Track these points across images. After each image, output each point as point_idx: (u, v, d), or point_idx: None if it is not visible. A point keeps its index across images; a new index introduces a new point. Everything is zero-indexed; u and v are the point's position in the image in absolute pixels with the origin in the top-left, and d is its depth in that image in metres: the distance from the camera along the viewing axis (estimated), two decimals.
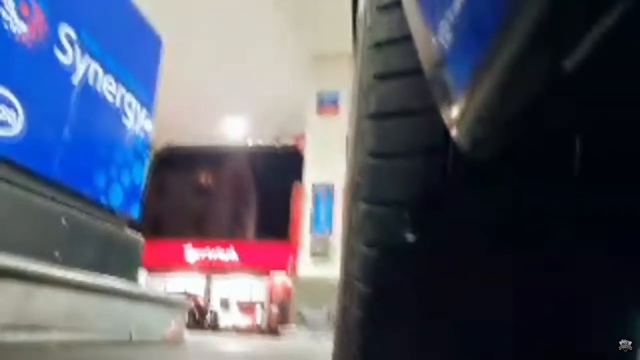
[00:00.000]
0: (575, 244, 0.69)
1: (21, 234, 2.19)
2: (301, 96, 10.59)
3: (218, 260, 14.45)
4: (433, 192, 0.72)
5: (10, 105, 2.16)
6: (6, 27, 2.15)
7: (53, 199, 2.44)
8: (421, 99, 0.71)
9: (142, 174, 3.25)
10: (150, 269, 12.22)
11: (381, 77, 0.75)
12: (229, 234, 15.52)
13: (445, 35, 0.47)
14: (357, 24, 1.02)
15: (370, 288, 0.77)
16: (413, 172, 0.72)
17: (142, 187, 3.30)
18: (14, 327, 1.80)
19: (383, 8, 0.75)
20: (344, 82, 10.10)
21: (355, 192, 0.79)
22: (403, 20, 0.72)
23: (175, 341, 3.00)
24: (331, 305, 8.58)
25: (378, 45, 0.75)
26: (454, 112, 0.53)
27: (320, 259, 9.28)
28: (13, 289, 1.79)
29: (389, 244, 0.74)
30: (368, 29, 0.78)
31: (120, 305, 2.45)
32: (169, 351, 2.53)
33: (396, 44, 0.73)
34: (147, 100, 3.30)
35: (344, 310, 0.86)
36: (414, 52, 0.71)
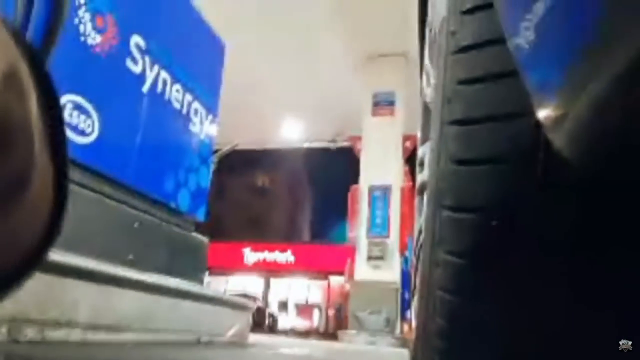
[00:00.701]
0: None
1: (97, 237, 2.29)
2: (357, 97, 10.58)
3: (275, 262, 14.66)
4: (521, 199, 0.70)
5: (86, 113, 2.27)
6: (82, 39, 2.27)
7: (126, 203, 2.54)
8: (508, 104, 0.69)
9: (207, 178, 3.34)
10: (210, 270, 12.57)
11: (466, 82, 0.73)
12: (286, 236, 15.71)
13: (544, 33, 0.45)
14: (433, 27, 1.00)
15: (455, 298, 0.75)
16: (499, 178, 0.70)
17: (208, 190, 3.39)
18: (94, 327, 1.88)
19: (468, 11, 0.73)
20: (399, 83, 10.03)
21: (438, 199, 0.78)
22: (490, 23, 0.70)
23: (241, 342, 3.05)
24: (389, 309, 8.50)
25: (463, 50, 0.73)
26: (556, 115, 0.50)
27: (378, 262, 9.21)
28: (92, 291, 1.88)
29: (475, 252, 0.73)
30: (451, 33, 0.76)
31: (190, 307, 2.52)
32: (237, 352, 2.58)
33: (482, 48, 0.71)
34: (211, 106, 3.39)
35: (425, 321, 0.84)
36: (500, 56, 0.69)
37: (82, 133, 2.26)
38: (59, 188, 0.36)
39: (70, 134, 2.16)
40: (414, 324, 0.95)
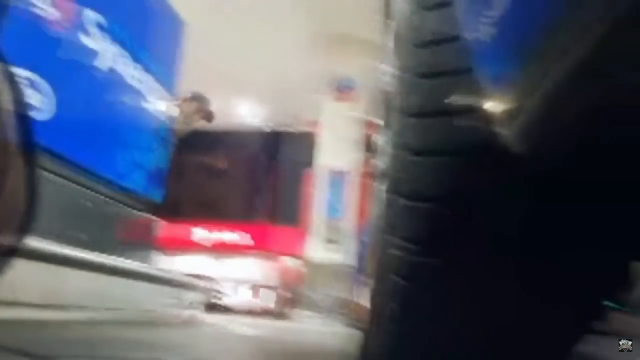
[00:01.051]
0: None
1: (48, 217, 2.23)
2: (317, 81, 10.52)
3: (231, 243, 14.56)
4: (473, 192, 0.72)
5: (40, 90, 2.19)
6: (38, 12, 2.18)
7: (79, 182, 2.48)
8: (465, 99, 0.72)
9: (164, 158, 3.28)
10: (165, 250, 12.28)
11: (425, 76, 0.75)
12: (242, 217, 15.57)
13: (502, 28, 0.46)
14: (397, 20, 1.01)
15: (407, 283, 0.78)
16: (454, 171, 0.73)
17: (165, 170, 3.33)
18: (42, 307, 1.85)
19: (431, 8, 0.75)
20: (361, 68, 10.02)
21: (395, 186, 0.80)
22: (451, 20, 0.73)
23: (192, 322, 3.05)
24: (343, 291, 8.60)
25: (424, 44, 0.75)
26: (511, 110, 0.52)
27: (333, 245, 9.29)
28: (42, 270, 1.84)
29: (427, 240, 0.75)
30: (414, 27, 0.78)
31: (142, 286, 2.50)
32: (186, 332, 2.58)
33: (443, 44, 0.73)
34: (170, 86, 3.32)
35: (379, 304, 0.87)
36: (460, 52, 0.71)
37: (36, 110, 2.18)
38: (29, 182, 0.36)
39: None
40: (368, 306, 0.97)
